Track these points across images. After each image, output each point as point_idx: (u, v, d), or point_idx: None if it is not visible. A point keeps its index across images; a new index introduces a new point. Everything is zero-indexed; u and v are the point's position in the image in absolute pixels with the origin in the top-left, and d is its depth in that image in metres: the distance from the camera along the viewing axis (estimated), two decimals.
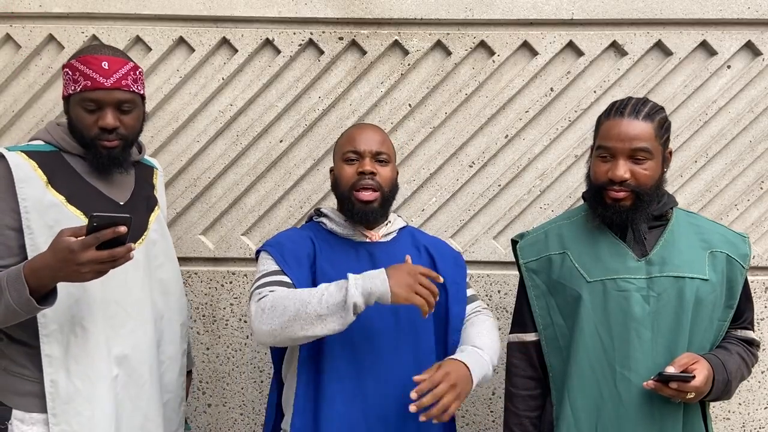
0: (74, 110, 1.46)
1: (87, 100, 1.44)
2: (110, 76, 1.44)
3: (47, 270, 1.23)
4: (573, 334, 1.49)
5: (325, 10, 2.07)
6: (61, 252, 1.19)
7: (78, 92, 1.44)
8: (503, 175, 2.15)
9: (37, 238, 1.37)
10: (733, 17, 2.05)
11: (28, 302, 1.25)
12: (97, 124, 1.45)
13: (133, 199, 1.57)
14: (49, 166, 1.44)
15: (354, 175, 1.53)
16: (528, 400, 1.58)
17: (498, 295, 2.17)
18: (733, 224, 2.13)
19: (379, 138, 1.56)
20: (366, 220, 1.55)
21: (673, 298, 1.43)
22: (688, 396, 1.35)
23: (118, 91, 1.45)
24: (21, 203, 1.37)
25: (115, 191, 1.53)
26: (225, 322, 2.18)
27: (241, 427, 2.22)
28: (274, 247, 1.54)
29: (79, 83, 1.43)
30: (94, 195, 1.48)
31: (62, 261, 1.19)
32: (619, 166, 1.40)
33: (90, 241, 1.17)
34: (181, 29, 2.10)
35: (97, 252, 1.18)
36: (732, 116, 2.11)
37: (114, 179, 1.54)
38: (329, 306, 1.32)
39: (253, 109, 2.14)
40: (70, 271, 1.21)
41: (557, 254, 1.54)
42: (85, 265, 1.19)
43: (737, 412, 2.19)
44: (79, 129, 1.46)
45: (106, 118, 1.44)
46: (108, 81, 1.44)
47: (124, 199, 1.55)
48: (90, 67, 1.43)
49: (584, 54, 2.09)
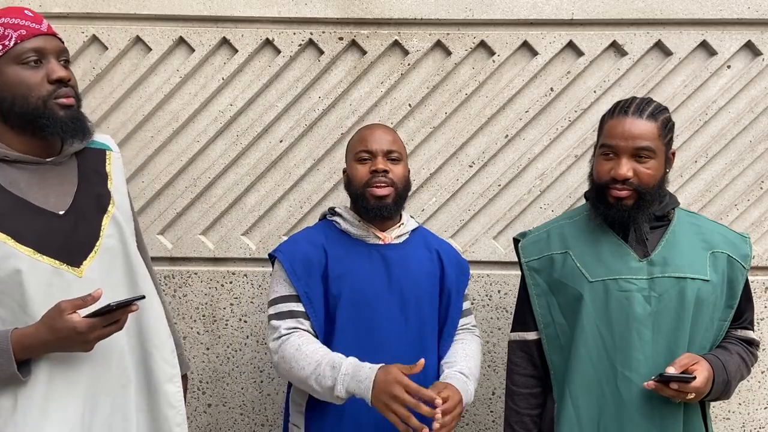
0: (7, 74, 1.17)
1: (27, 52, 1.17)
2: (41, 22, 1.21)
3: (45, 346, 1.15)
4: (574, 334, 1.49)
5: (325, 10, 2.07)
6: (66, 332, 1.13)
7: (11, 47, 1.16)
8: (503, 175, 2.15)
9: None
10: (733, 17, 2.05)
11: (12, 377, 1.15)
12: (47, 80, 1.18)
13: (77, 203, 1.27)
14: None
15: (367, 173, 1.55)
16: (529, 398, 1.59)
17: (498, 295, 2.17)
18: (733, 224, 2.13)
19: (390, 137, 1.59)
20: (380, 216, 1.57)
21: (675, 298, 1.43)
22: (689, 396, 1.36)
23: (57, 39, 1.22)
24: None
25: (51, 198, 1.24)
26: (225, 322, 2.18)
27: (241, 427, 2.22)
28: (285, 256, 1.56)
29: (8, 37, 1.16)
30: (21, 210, 1.19)
31: (66, 339, 1.14)
32: (622, 165, 1.40)
33: (100, 323, 1.15)
34: (181, 29, 2.09)
35: (105, 328, 1.17)
36: (732, 116, 2.11)
37: (48, 182, 1.24)
38: (322, 387, 1.41)
39: (253, 109, 2.14)
40: (75, 347, 1.17)
41: (559, 254, 1.54)
42: (93, 341, 1.17)
43: (737, 412, 2.19)
44: (21, 94, 1.17)
45: (56, 69, 1.19)
46: (42, 26, 1.21)
47: (64, 205, 1.25)
48: (15, 17, 1.18)
49: (584, 54, 2.09)
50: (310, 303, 1.54)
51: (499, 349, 2.17)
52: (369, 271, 1.56)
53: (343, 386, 1.38)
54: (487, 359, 2.18)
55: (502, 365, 2.15)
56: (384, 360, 1.49)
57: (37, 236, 1.20)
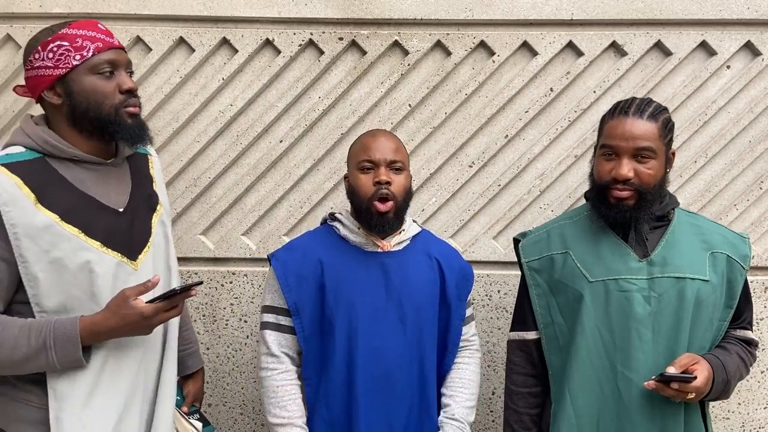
0: (84, 83, 1.27)
1: (102, 64, 1.27)
2: (113, 37, 1.32)
3: (110, 333, 1.25)
4: (574, 334, 1.49)
5: (325, 10, 2.07)
6: (132, 317, 1.22)
7: (89, 58, 1.26)
8: (503, 175, 2.15)
9: (31, 267, 1.22)
10: (733, 17, 2.05)
11: (77, 362, 1.25)
12: (118, 90, 1.29)
13: (133, 202, 1.39)
14: (35, 179, 1.25)
15: (371, 186, 1.53)
16: (528, 398, 1.59)
17: (498, 295, 2.17)
18: (733, 224, 2.13)
19: (394, 145, 1.57)
20: (382, 230, 1.57)
21: (674, 298, 1.43)
22: (689, 396, 1.36)
23: (125, 53, 1.34)
24: (9, 230, 1.20)
25: (112, 196, 1.36)
26: (225, 322, 2.19)
27: (241, 427, 2.22)
28: (280, 264, 1.59)
29: (86, 48, 1.25)
30: (90, 206, 1.30)
31: (132, 324, 1.23)
32: (623, 165, 1.41)
33: (164, 306, 1.25)
34: (181, 29, 2.10)
35: (167, 312, 1.27)
36: (732, 116, 2.12)
37: (109, 182, 1.36)
38: None
39: (253, 109, 2.15)
40: (139, 331, 1.27)
41: (559, 254, 1.55)
42: (155, 325, 1.27)
43: (737, 411, 2.19)
44: (96, 102, 1.27)
45: (127, 80, 1.30)
46: (115, 40, 1.31)
47: (123, 203, 1.37)
48: (92, 30, 1.28)
49: (584, 54, 2.09)
50: (298, 314, 1.56)
51: (499, 349, 2.17)
52: (367, 280, 1.56)
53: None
54: (487, 359, 2.19)
55: (502, 365, 2.15)
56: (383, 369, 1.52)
57: (104, 231, 1.31)
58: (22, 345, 1.21)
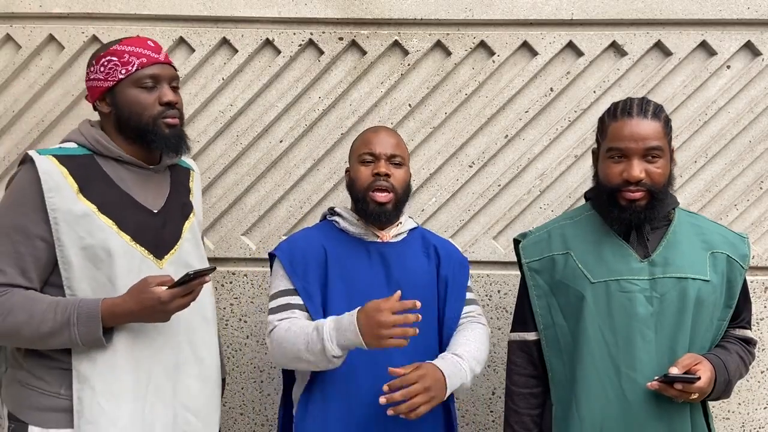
0: (127, 95, 1.40)
1: (145, 78, 1.40)
2: (160, 52, 1.44)
3: (129, 316, 1.32)
4: (576, 335, 1.49)
5: (325, 10, 2.07)
6: (150, 302, 1.29)
7: (133, 72, 1.39)
8: (503, 175, 2.15)
9: (67, 251, 1.34)
10: (733, 17, 2.05)
11: (97, 341, 1.32)
12: (158, 102, 1.41)
13: (168, 206, 1.50)
14: (81, 172, 1.38)
15: (369, 176, 1.58)
16: (529, 398, 1.59)
17: (498, 295, 2.17)
18: (733, 224, 2.13)
19: (394, 141, 1.61)
20: (379, 220, 1.60)
21: (676, 298, 1.43)
22: (692, 396, 1.36)
23: (171, 67, 1.45)
24: (50, 214, 1.32)
25: (149, 198, 1.47)
26: (225, 322, 2.18)
27: (241, 426, 2.22)
28: (284, 253, 1.60)
29: (131, 63, 1.39)
30: (126, 203, 1.42)
31: (150, 309, 1.30)
32: (633, 167, 1.40)
33: (180, 292, 1.30)
34: (181, 29, 2.10)
35: (183, 298, 1.32)
36: (732, 116, 2.12)
37: (148, 185, 1.48)
38: (315, 354, 1.41)
39: (253, 109, 2.15)
40: (156, 317, 1.33)
41: (560, 254, 1.54)
42: (171, 311, 1.32)
43: (737, 411, 2.19)
44: (137, 112, 1.40)
45: (167, 93, 1.42)
46: (161, 56, 1.44)
47: (158, 206, 1.48)
48: (139, 47, 1.41)
49: (584, 54, 2.09)
50: (309, 298, 1.55)
51: (499, 349, 2.17)
52: (368, 269, 1.59)
53: (332, 343, 1.39)
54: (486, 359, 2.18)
55: (502, 365, 2.15)
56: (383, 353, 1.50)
57: (135, 227, 1.41)
58: (48, 319, 1.30)
